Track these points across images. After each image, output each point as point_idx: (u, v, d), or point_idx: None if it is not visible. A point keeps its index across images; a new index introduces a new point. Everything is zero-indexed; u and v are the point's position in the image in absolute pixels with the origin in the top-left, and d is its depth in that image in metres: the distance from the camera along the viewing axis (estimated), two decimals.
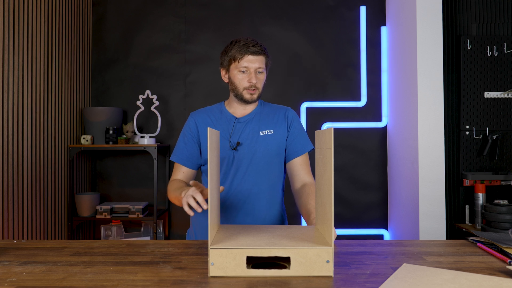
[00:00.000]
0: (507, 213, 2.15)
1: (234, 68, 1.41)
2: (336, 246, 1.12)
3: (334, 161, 0.87)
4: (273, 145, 1.44)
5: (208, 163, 0.92)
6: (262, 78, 1.43)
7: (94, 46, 2.94)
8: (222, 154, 1.42)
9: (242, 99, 1.43)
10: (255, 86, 1.40)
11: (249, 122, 1.46)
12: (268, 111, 1.51)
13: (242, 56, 1.38)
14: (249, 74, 1.40)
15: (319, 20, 2.91)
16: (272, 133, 1.45)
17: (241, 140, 1.43)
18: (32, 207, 2.21)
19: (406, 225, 2.51)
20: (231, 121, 1.46)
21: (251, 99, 1.42)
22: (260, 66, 1.40)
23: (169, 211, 2.90)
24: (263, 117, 1.48)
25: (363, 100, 2.88)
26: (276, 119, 1.49)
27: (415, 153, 2.37)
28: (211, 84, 2.90)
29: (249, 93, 1.41)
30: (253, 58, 1.39)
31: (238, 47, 1.39)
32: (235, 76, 1.42)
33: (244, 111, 1.48)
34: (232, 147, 1.42)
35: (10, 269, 0.92)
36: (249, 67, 1.39)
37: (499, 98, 2.60)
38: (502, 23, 2.65)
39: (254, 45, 1.39)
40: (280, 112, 1.51)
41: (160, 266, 0.94)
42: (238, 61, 1.39)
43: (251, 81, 1.39)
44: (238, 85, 1.41)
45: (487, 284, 0.79)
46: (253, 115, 1.48)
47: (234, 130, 1.44)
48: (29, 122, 2.19)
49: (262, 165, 1.43)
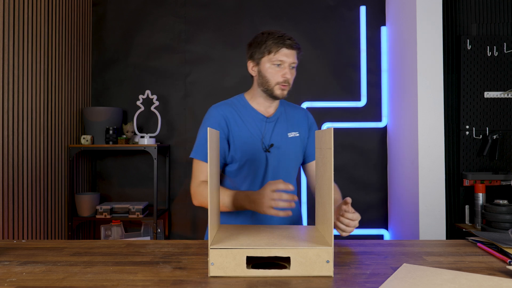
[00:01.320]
0: (507, 213, 2.15)
1: (267, 61, 1.33)
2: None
3: (334, 161, 0.87)
4: (299, 148, 1.42)
5: (208, 163, 0.91)
6: (294, 73, 1.37)
7: (94, 46, 2.94)
8: (254, 156, 1.35)
9: (271, 95, 1.35)
10: (287, 82, 1.33)
11: (278, 122, 1.41)
12: (290, 111, 1.47)
13: (278, 49, 1.31)
14: (283, 68, 1.32)
15: (319, 20, 2.91)
16: (298, 135, 1.43)
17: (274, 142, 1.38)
18: (32, 207, 2.21)
19: (406, 225, 2.51)
20: (261, 120, 1.39)
21: (282, 95, 1.35)
22: (294, 61, 1.34)
23: (169, 211, 2.90)
24: (288, 118, 1.44)
25: (363, 100, 2.88)
26: (298, 121, 1.46)
27: (415, 153, 2.37)
28: (211, 84, 2.90)
29: (280, 89, 1.34)
30: (288, 52, 1.32)
31: (273, 39, 1.32)
32: (267, 70, 1.34)
33: (269, 108, 1.41)
34: (265, 148, 1.36)
35: (10, 269, 0.92)
36: (284, 61, 1.31)
37: (499, 98, 2.60)
38: (502, 23, 2.65)
39: (290, 38, 1.32)
40: (301, 112, 1.49)
41: (160, 266, 0.94)
42: (273, 54, 1.31)
43: (285, 76, 1.32)
44: (271, 79, 1.33)
45: (487, 284, 0.79)
46: (278, 114, 1.42)
47: (266, 131, 1.38)
48: (29, 122, 2.18)
49: (292, 167, 1.41)
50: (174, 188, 2.91)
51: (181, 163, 2.91)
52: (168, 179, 2.88)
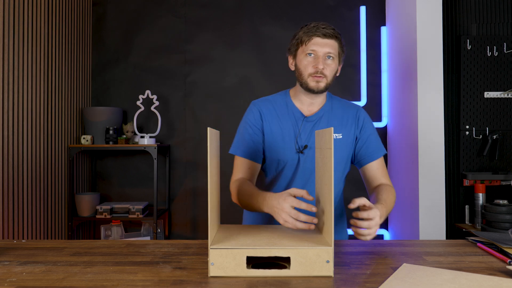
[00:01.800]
0: (507, 213, 2.15)
1: (301, 53, 1.25)
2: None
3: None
4: (342, 151, 1.31)
5: (208, 163, 0.91)
6: (332, 65, 1.24)
7: (94, 46, 2.94)
8: (285, 156, 1.29)
9: (307, 88, 1.25)
10: (322, 73, 1.21)
11: (318, 122, 1.30)
12: (338, 109, 1.35)
13: (309, 38, 1.22)
14: (316, 58, 1.22)
15: (319, 20, 2.87)
16: (341, 138, 1.31)
17: (309, 143, 1.28)
18: (32, 207, 2.21)
19: (406, 225, 2.51)
20: (298, 119, 1.30)
21: (316, 88, 1.23)
22: (330, 51, 1.22)
23: (169, 211, 2.90)
24: (332, 117, 1.32)
25: (363, 100, 2.88)
26: (346, 120, 1.33)
27: (415, 153, 2.37)
28: (211, 84, 2.90)
29: (314, 80, 1.22)
30: (322, 41, 1.21)
31: (307, 29, 1.24)
32: (301, 61, 1.25)
33: (312, 106, 1.32)
34: (298, 149, 1.28)
35: (10, 269, 0.92)
36: (317, 50, 1.21)
37: (499, 98, 2.60)
38: (502, 23, 2.65)
39: (325, 27, 1.22)
40: (350, 111, 1.36)
41: (160, 266, 0.94)
42: (305, 44, 1.23)
43: (317, 66, 1.21)
44: (303, 71, 1.24)
45: (487, 284, 0.79)
46: (322, 113, 1.32)
47: (302, 130, 1.29)
48: (29, 122, 2.18)
49: None
50: (174, 188, 2.91)
51: (181, 163, 2.91)
52: (168, 179, 2.88)
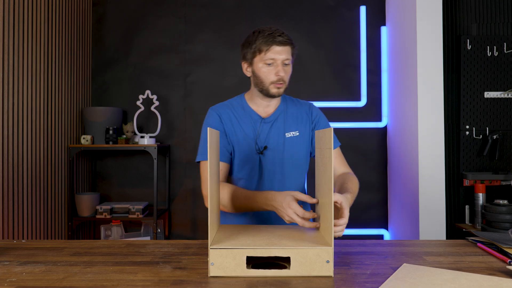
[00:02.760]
0: (507, 213, 2.15)
1: (259, 61, 1.30)
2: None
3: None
4: (299, 148, 1.37)
5: (208, 163, 0.91)
6: (289, 70, 1.32)
7: (94, 46, 2.94)
8: (246, 158, 1.33)
9: (268, 94, 1.32)
10: (282, 80, 1.30)
11: (275, 123, 1.37)
12: (292, 108, 1.42)
13: (268, 48, 1.27)
14: (276, 66, 1.28)
15: (319, 20, 2.91)
16: (298, 135, 1.38)
17: (268, 144, 1.34)
18: (32, 207, 2.21)
19: (406, 225, 2.51)
20: (256, 121, 1.36)
21: (278, 94, 1.32)
22: (287, 58, 1.29)
23: (169, 211, 2.90)
24: (288, 117, 1.40)
25: (363, 100, 2.88)
26: (300, 118, 1.41)
27: (415, 153, 2.37)
28: (211, 84, 2.90)
29: (276, 87, 1.30)
30: (280, 49, 1.27)
31: (263, 37, 1.27)
32: (260, 70, 1.30)
33: (268, 108, 1.39)
34: (258, 150, 1.33)
35: (10, 269, 0.92)
36: (276, 59, 1.27)
37: (499, 98, 2.60)
38: (502, 23, 2.65)
39: (281, 35, 1.27)
40: (303, 108, 1.44)
41: (160, 266, 0.94)
42: (264, 53, 1.28)
43: (278, 74, 1.28)
44: (264, 79, 1.30)
45: (487, 284, 0.79)
46: (278, 113, 1.39)
47: (260, 132, 1.35)
48: (29, 122, 2.18)
49: (289, 170, 1.36)
50: (174, 188, 2.91)
51: (181, 163, 2.91)
52: (168, 179, 2.88)
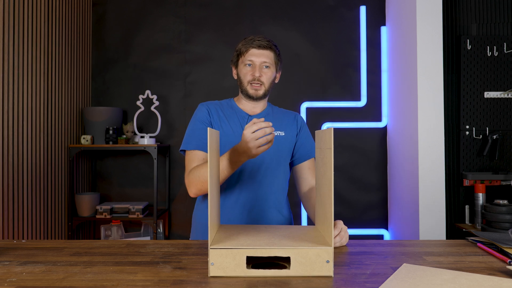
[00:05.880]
0: (507, 213, 2.15)
1: (240, 63, 1.39)
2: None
3: (334, 161, 0.87)
4: (283, 147, 1.41)
5: (208, 163, 0.91)
6: (268, 73, 1.38)
7: (94, 46, 2.94)
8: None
9: (247, 95, 1.39)
10: (259, 80, 1.36)
11: None
12: (278, 114, 1.49)
13: (247, 50, 1.36)
14: (253, 67, 1.36)
15: (319, 20, 2.91)
16: (284, 135, 1.42)
17: None
18: (32, 207, 2.21)
19: (406, 225, 2.51)
20: (243, 117, 1.42)
21: (255, 95, 1.37)
22: (265, 61, 1.36)
23: (169, 211, 2.90)
24: (274, 118, 1.45)
25: (363, 100, 2.88)
26: (286, 122, 1.46)
27: (415, 153, 2.37)
28: (211, 84, 2.90)
29: (253, 88, 1.37)
30: (258, 52, 1.36)
31: (245, 41, 1.38)
32: (241, 71, 1.39)
33: (255, 108, 1.44)
34: None
35: (10, 269, 0.92)
36: (254, 60, 1.36)
37: (499, 98, 2.60)
38: (502, 23, 2.65)
39: (261, 39, 1.36)
40: (289, 115, 1.50)
41: (160, 266, 0.94)
42: (243, 55, 1.37)
43: (254, 74, 1.35)
44: (243, 79, 1.38)
45: (487, 284, 0.79)
46: (264, 114, 1.45)
47: None
48: (29, 122, 2.18)
49: (273, 166, 1.39)
50: (174, 188, 2.91)
51: (181, 163, 2.91)
52: (168, 179, 2.88)
